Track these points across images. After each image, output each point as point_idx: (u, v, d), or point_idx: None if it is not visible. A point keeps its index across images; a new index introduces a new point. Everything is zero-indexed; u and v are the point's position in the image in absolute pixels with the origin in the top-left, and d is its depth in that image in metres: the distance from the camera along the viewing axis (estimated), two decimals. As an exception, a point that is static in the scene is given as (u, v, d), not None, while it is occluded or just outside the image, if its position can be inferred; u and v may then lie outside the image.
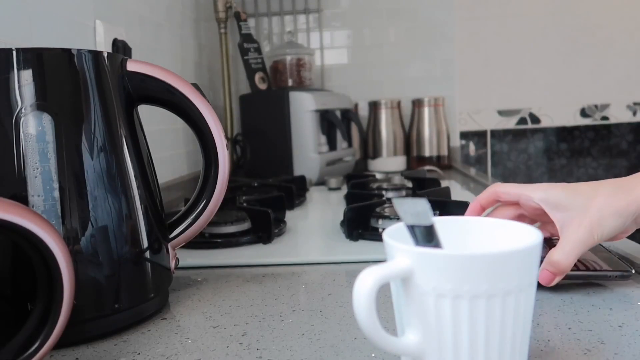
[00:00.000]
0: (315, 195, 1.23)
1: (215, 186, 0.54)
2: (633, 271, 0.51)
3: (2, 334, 0.37)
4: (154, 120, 1.07)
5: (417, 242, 0.33)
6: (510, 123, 1.87)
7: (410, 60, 1.80)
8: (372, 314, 0.30)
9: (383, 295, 0.33)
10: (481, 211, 0.56)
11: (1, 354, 0.35)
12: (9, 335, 0.36)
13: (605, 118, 1.87)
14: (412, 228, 0.33)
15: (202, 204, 0.55)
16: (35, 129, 0.43)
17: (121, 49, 0.91)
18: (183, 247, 0.69)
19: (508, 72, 1.83)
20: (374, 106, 1.72)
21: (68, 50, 0.45)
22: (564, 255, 0.48)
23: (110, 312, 0.46)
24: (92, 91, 0.46)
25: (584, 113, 1.86)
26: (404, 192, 1.03)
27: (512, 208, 0.55)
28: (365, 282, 0.30)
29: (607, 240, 0.51)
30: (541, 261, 0.32)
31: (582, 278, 0.51)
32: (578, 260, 0.52)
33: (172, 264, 0.53)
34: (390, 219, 0.75)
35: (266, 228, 0.75)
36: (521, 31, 1.81)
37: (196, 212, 0.55)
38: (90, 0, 0.87)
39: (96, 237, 0.45)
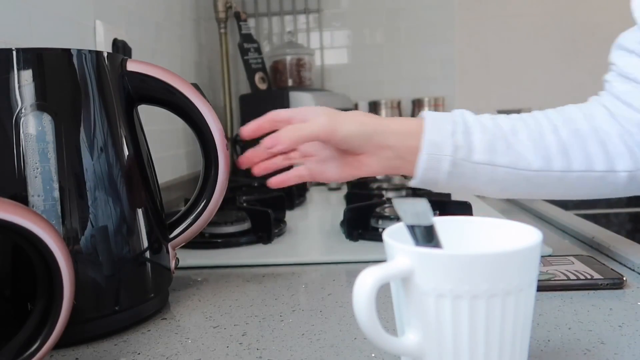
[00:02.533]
0: (315, 195, 1.23)
1: (215, 186, 0.54)
2: (625, 279, 0.52)
3: (2, 334, 0.37)
4: (154, 120, 1.07)
5: (417, 242, 0.33)
6: (510, 123, 1.87)
7: (410, 60, 1.80)
8: (372, 314, 0.30)
9: (383, 295, 0.33)
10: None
11: (1, 354, 0.35)
12: (9, 335, 0.36)
13: (605, 118, 1.86)
14: (412, 228, 0.33)
15: (202, 204, 0.55)
16: (35, 129, 0.43)
17: (121, 49, 0.91)
18: (183, 247, 0.69)
19: (508, 72, 1.84)
20: (374, 106, 1.72)
21: (68, 50, 0.45)
22: (289, 133, 0.53)
23: (110, 312, 0.46)
24: (92, 91, 0.46)
25: (584, 113, 1.86)
26: (404, 192, 1.03)
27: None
28: (365, 282, 0.30)
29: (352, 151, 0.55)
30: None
31: (575, 287, 0.52)
32: (572, 272, 0.54)
33: (172, 264, 0.53)
34: (390, 219, 0.75)
35: (266, 228, 0.75)
36: (521, 31, 1.81)
37: (196, 212, 0.55)
38: (90, 0, 0.87)
39: (96, 237, 0.45)
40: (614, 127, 0.54)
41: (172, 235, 0.54)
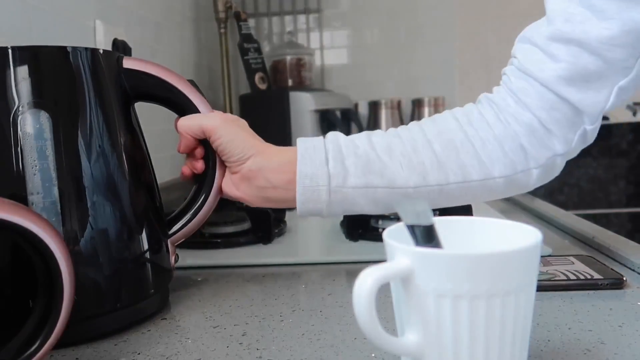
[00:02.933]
0: (315, 195, 1.22)
1: (213, 181, 0.54)
2: (625, 279, 0.52)
3: (2, 334, 0.37)
4: (154, 120, 1.07)
5: (417, 242, 0.33)
6: (510, 123, 1.87)
7: (410, 60, 1.80)
8: (372, 314, 0.30)
9: (383, 295, 0.33)
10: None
11: (1, 354, 0.35)
12: (9, 335, 0.36)
13: (605, 118, 1.86)
14: (412, 228, 0.33)
15: (201, 198, 0.54)
16: (32, 127, 0.43)
17: (121, 48, 0.91)
18: (183, 247, 0.69)
19: (508, 72, 1.83)
20: (374, 106, 1.72)
21: (64, 48, 0.45)
22: (185, 120, 0.53)
23: (110, 311, 0.46)
24: (88, 88, 0.46)
25: (584, 113, 1.86)
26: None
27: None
28: (365, 282, 0.30)
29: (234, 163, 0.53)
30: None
31: (575, 287, 0.52)
32: (572, 272, 0.54)
33: (172, 260, 0.53)
34: (390, 219, 0.75)
35: (266, 228, 0.75)
36: (521, 31, 1.81)
37: (195, 207, 0.54)
38: (90, 0, 0.87)
39: (95, 236, 0.45)
40: (493, 131, 0.53)
41: (171, 232, 0.54)
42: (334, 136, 0.55)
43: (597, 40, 0.48)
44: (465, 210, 0.76)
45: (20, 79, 0.43)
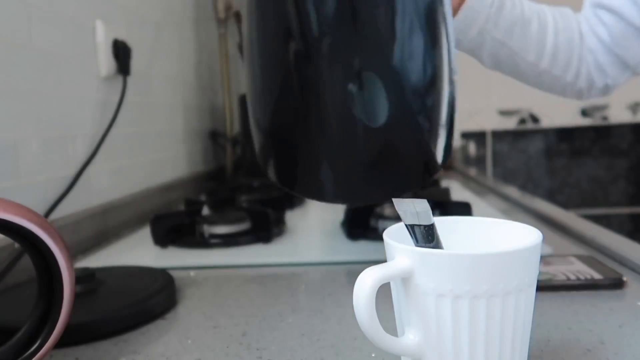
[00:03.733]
0: (315, 195, 1.22)
1: None
2: (625, 279, 0.52)
3: (2, 334, 0.37)
4: (154, 120, 1.07)
5: (417, 242, 0.33)
6: (511, 123, 1.87)
7: (410, 60, 1.80)
8: (372, 314, 0.30)
9: (383, 295, 0.33)
10: None
11: (1, 354, 0.35)
12: (9, 335, 0.36)
13: (605, 118, 1.87)
14: (412, 228, 0.33)
15: None
16: None
17: (121, 49, 0.91)
18: (183, 247, 0.69)
19: (508, 72, 1.83)
20: (374, 106, 1.72)
21: None
22: None
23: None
24: None
25: (584, 113, 1.86)
26: (404, 192, 1.03)
27: None
28: (365, 282, 0.30)
29: None
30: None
31: (575, 287, 0.52)
32: (572, 272, 0.54)
33: None
34: (390, 219, 0.75)
35: (266, 228, 0.75)
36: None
37: None
38: (90, 0, 0.87)
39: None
40: (589, 46, 0.65)
41: None
42: None
43: (630, 15, 0.60)
44: (466, 210, 0.76)
45: None
